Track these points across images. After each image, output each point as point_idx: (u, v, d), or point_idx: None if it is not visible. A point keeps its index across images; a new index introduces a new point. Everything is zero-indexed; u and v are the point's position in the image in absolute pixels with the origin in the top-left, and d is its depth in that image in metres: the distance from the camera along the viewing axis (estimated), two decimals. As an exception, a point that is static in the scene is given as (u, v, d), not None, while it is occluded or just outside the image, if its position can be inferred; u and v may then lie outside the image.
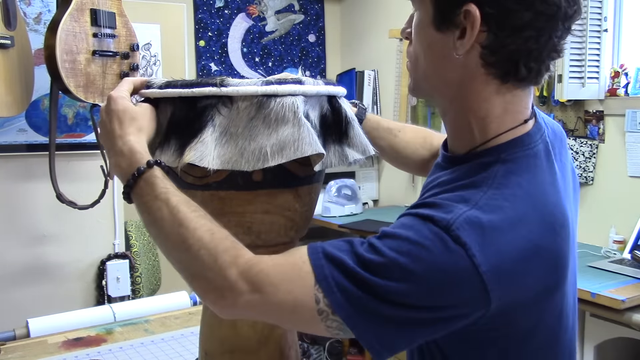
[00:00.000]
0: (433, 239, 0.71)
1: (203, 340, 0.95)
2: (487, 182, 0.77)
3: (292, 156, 0.78)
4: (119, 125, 0.83)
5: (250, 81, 0.80)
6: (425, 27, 0.81)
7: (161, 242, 0.81)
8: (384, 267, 0.71)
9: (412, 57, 0.85)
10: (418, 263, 0.70)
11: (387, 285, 0.70)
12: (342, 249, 0.74)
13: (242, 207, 0.84)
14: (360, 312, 0.72)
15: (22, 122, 2.29)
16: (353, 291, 0.71)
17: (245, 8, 3.82)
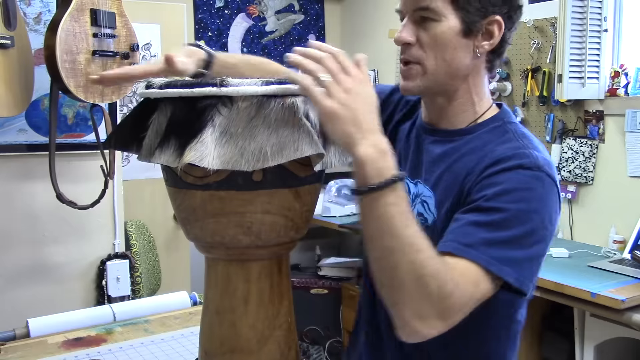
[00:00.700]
0: (531, 179, 0.92)
1: (203, 340, 0.95)
2: (516, 137, 1.01)
3: (292, 156, 0.78)
4: (372, 114, 0.84)
5: (251, 81, 0.80)
6: (452, 36, 0.99)
7: (387, 254, 0.84)
8: (514, 219, 0.90)
9: (429, 56, 1.01)
10: (532, 202, 0.91)
11: (523, 231, 0.90)
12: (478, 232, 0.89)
13: (242, 207, 0.84)
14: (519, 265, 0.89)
15: (22, 122, 2.29)
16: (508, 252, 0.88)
17: (245, 8, 3.82)
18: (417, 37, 1.00)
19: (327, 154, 0.85)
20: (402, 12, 1.03)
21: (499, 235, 0.89)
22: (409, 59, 1.01)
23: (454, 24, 0.98)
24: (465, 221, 0.91)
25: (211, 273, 0.93)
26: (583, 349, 2.34)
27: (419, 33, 1.00)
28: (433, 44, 0.99)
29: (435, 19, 0.98)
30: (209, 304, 0.93)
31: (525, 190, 0.91)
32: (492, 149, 0.99)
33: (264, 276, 0.91)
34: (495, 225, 0.89)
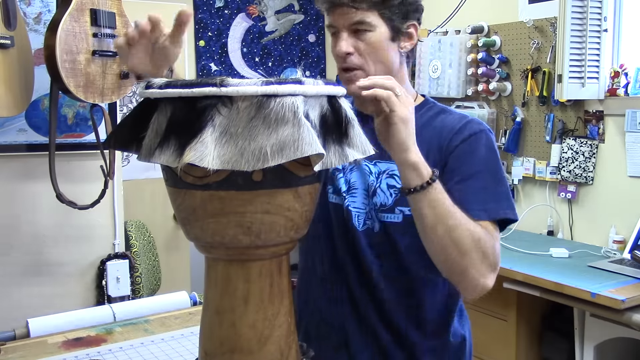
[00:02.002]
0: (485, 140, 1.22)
1: (203, 340, 0.95)
2: (452, 112, 1.28)
3: (292, 156, 0.78)
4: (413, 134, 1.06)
5: (250, 81, 0.80)
6: (384, 41, 1.21)
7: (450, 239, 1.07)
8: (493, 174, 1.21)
9: (368, 62, 1.22)
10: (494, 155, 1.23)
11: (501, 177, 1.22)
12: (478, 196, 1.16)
13: (242, 207, 0.84)
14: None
15: (22, 122, 2.29)
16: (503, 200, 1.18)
17: (245, 8, 3.82)
18: (355, 47, 1.20)
19: (327, 154, 0.85)
20: (335, 27, 1.21)
21: (495, 192, 1.17)
22: (351, 66, 1.21)
23: (384, 31, 1.20)
24: (464, 191, 1.13)
25: (211, 273, 0.93)
26: (583, 349, 2.34)
27: (356, 43, 1.20)
28: (370, 50, 1.20)
29: (370, 30, 1.19)
30: (208, 304, 0.93)
31: (487, 150, 1.21)
32: (443, 124, 1.24)
33: (264, 276, 0.91)
34: (489, 186, 1.17)
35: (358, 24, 1.18)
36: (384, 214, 1.22)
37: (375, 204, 1.23)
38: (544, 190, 3.03)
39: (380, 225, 1.23)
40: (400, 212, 1.21)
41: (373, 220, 1.24)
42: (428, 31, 3.45)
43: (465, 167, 1.18)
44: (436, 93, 3.34)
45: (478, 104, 3.23)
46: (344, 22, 1.19)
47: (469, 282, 1.10)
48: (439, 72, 3.32)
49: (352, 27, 1.19)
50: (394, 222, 1.22)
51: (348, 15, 1.18)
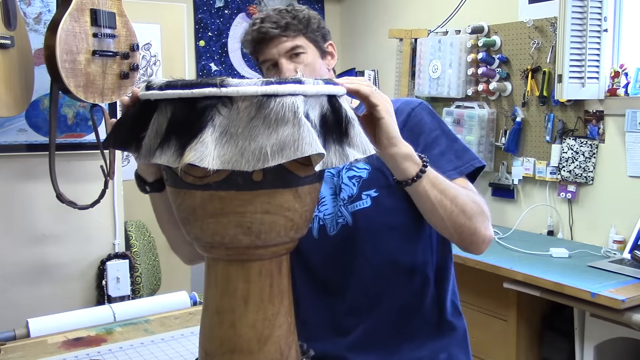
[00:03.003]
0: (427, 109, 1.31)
1: (203, 340, 0.95)
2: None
3: (292, 156, 0.78)
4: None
5: (250, 81, 0.80)
6: (317, 60, 1.33)
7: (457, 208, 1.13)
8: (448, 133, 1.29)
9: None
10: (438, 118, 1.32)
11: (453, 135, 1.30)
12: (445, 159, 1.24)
13: (242, 207, 0.84)
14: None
15: (22, 122, 2.29)
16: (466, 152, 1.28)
17: (245, 8, 3.82)
18: (295, 70, 1.29)
19: (328, 154, 0.85)
20: (271, 60, 1.32)
21: (455, 149, 1.26)
22: None
23: (314, 51, 1.33)
24: (431, 160, 1.15)
25: (211, 273, 0.93)
26: (583, 349, 2.34)
27: (296, 67, 1.30)
28: (309, 70, 1.31)
29: (304, 52, 1.31)
30: (209, 304, 0.93)
31: (430, 116, 1.30)
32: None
33: (264, 276, 0.91)
34: (449, 146, 1.26)
35: (293, 50, 1.30)
36: (352, 204, 1.25)
37: (343, 199, 1.26)
38: (544, 190, 3.03)
39: (352, 217, 1.26)
40: (367, 196, 1.25)
41: (344, 216, 1.26)
42: (428, 31, 3.45)
43: (421, 139, 1.25)
44: (436, 93, 3.34)
45: (478, 104, 3.23)
46: (279, 51, 1.30)
47: (479, 240, 1.17)
48: (439, 72, 3.32)
49: (288, 54, 1.30)
50: (363, 207, 1.25)
51: (281, 45, 1.30)
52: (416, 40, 3.44)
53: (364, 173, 1.26)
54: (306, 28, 1.34)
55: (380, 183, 1.24)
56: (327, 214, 1.28)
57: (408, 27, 3.50)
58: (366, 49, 3.98)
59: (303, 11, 1.39)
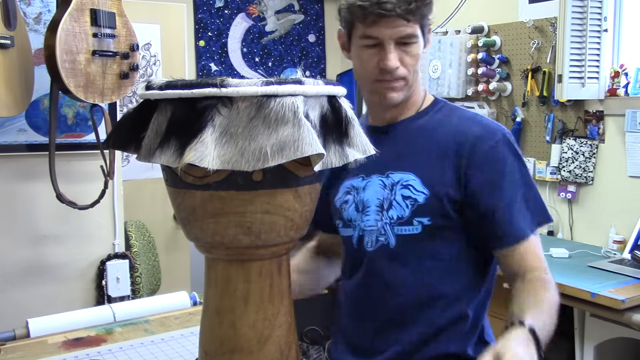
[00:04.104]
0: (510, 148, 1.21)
1: (203, 340, 0.95)
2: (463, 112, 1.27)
3: (292, 156, 0.78)
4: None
5: (250, 81, 0.80)
6: (421, 50, 1.19)
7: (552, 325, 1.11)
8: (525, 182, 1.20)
9: (411, 72, 1.20)
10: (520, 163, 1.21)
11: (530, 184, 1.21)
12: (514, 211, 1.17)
13: (242, 207, 0.84)
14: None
15: (22, 122, 2.29)
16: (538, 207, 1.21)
17: (245, 8, 3.82)
18: (400, 60, 1.17)
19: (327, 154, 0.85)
20: (377, 39, 1.15)
21: (529, 199, 1.18)
22: (397, 78, 1.18)
23: (421, 40, 1.19)
24: (505, 210, 1.14)
25: (211, 273, 0.93)
26: (583, 349, 2.34)
27: (401, 55, 1.16)
28: (414, 61, 1.19)
29: (415, 42, 1.17)
30: (208, 304, 0.93)
31: (512, 157, 1.18)
32: (458, 126, 1.21)
33: (264, 276, 0.91)
34: (524, 195, 1.17)
35: (407, 37, 1.15)
36: (400, 226, 1.19)
37: (391, 217, 1.20)
38: (544, 190, 3.03)
39: (396, 239, 1.20)
40: (419, 223, 1.18)
41: (387, 235, 1.21)
42: (428, 31, 3.45)
43: (497, 180, 1.16)
44: (436, 93, 3.34)
45: (478, 104, 3.23)
46: (391, 34, 1.13)
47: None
48: (439, 72, 3.32)
49: (399, 40, 1.14)
50: (412, 234, 1.19)
51: (397, 28, 1.13)
52: (416, 40, 3.43)
53: (421, 197, 1.18)
54: (427, 15, 1.18)
55: (436, 211, 1.17)
56: (368, 225, 1.23)
57: (408, 27, 3.49)
58: (366, 49, 3.98)
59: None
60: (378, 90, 1.20)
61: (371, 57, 1.17)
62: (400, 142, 1.24)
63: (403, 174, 1.20)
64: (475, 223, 1.18)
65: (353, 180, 1.28)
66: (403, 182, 1.20)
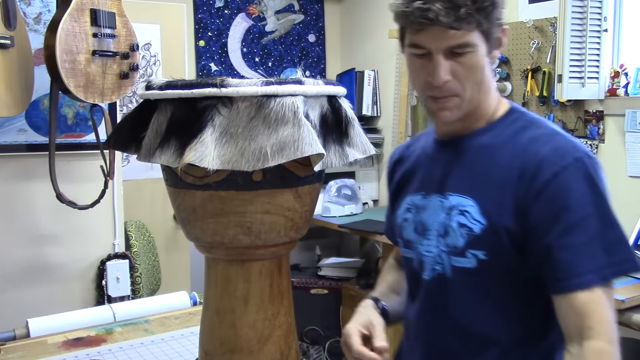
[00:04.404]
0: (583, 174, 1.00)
1: (203, 340, 0.95)
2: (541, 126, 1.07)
3: (292, 156, 0.78)
4: None
5: (250, 81, 0.80)
6: (483, 59, 1.03)
7: None
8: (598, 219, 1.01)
9: (466, 86, 1.03)
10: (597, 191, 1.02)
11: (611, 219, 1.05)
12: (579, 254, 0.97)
13: (242, 207, 0.84)
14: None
15: (22, 122, 2.28)
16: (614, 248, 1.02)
17: (245, 8, 3.82)
18: (452, 72, 1.01)
19: (327, 154, 0.85)
20: (425, 49, 1.01)
21: (607, 240, 0.99)
22: (447, 94, 1.03)
23: (482, 48, 1.02)
24: (568, 249, 0.96)
25: (211, 273, 0.93)
26: (583, 349, 2.34)
27: (453, 67, 1.01)
28: (469, 74, 1.02)
29: (471, 51, 1.00)
30: (209, 303, 0.94)
31: (588, 185, 0.98)
32: (529, 143, 1.03)
33: (264, 276, 0.91)
34: (600, 234, 0.98)
35: (459, 47, 0.99)
36: (455, 257, 1.06)
37: (447, 245, 1.07)
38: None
39: (451, 270, 1.07)
40: (473, 256, 1.03)
41: (444, 265, 1.08)
42: (428, 31, 3.45)
43: (563, 218, 0.96)
44: (436, 93, 3.34)
45: (478, 104, 3.23)
46: (440, 45, 0.99)
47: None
48: (439, 72, 3.32)
49: (450, 50, 1.00)
50: (467, 267, 1.05)
51: (446, 38, 0.98)
52: (416, 40, 3.43)
53: (477, 227, 1.03)
54: (486, 18, 1.00)
55: (493, 245, 1.02)
56: (426, 251, 1.11)
57: (408, 27, 3.49)
58: (366, 49, 3.98)
59: None
60: (429, 107, 1.07)
61: (420, 68, 1.03)
62: (461, 160, 1.09)
63: (461, 198, 1.06)
64: (535, 264, 1.00)
65: (414, 196, 1.16)
66: (460, 207, 1.06)
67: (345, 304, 3.35)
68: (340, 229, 3.23)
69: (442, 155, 1.13)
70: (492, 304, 1.05)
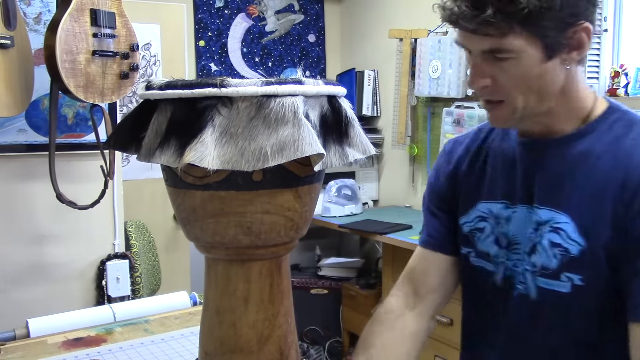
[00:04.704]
0: None
1: (203, 340, 0.95)
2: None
3: (292, 156, 0.78)
4: None
5: (250, 81, 0.80)
6: (534, 67, 0.90)
7: None
8: None
9: (513, 93, 0.92)
10: None
11: None
12: None
13: (242, 207, 0.84)
14: None
15: (22, 122, 2.29)
16: None
17: (245, 8, 3.82)
18: (492, 77, 0.91)
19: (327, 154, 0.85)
20: (465, 47, 0.93)
21: None
22: (492, 99, 0.94)
23: (533, 54, 0.89)
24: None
25: (211, 273, 0.93)
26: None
27: (494, 72, 0.91)
28: (515, 82, 0.91)
29: (511, 57, 0.88)
30: (208, 304, 0.93)
31: None
32: (633, 148, 0.92)
33: (264, 276, 0.91)
34: None
35: (497, 52, 0.89)
36: (544, 279, 0.95)
37: (534, 264, 0.96)
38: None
39: (537, 292, 0.97)
40: (569, 279, 0.93)
41: (527, 285, 0.98)
42: (428, 31, 3.45)
43: None
44: (436, 93, 3.34)
45: (478, 104, 3.23)
46: (476, 47, 0.91)
47: None
48: (439, 72, 3.32)
49: (487, 54, 0.90)
50: (558, 291, 0.94)
51: (477, 41, 0.89)
52: (416, 41, 3.44)
53: (574, 248, 0.92)
54: (528, 19, 0.85)
55: (592, 269, 0.91)
56: (515, 267, 1.00)
57: (408, 27, 3.50)
58: (366, 49, 3.98)
59: None
60: (483, 107, 0.98)
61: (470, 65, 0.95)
62: (554, 169, 0.97)
63: (554, 213, 0.94)
64: (620, 282, 0.91)
65: (491, 204, 1.04)
66: (553, 224, 0.94)
67: (345, 304, 3.36)
68: (340, 229, 3.23)
69: (526, 159, 1.00)
70: (579, 331, 0.95)
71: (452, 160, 1.14)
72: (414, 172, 3.61)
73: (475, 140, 1.12)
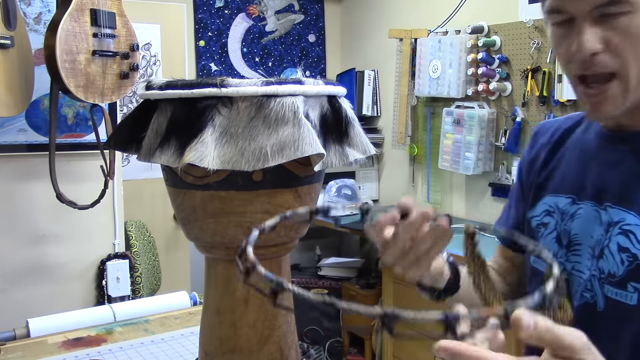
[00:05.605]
0: None
1: (203, 340, 0.95)
2: None
3: (292, 156, 0.78)
4: None
5: (250, 81, 0.80)
6: None
7: None
8: None
9: (627, 62, 0.79)
10: None
11: None
12: None
13: (242, 207, 0.84)
14: None
15: (22, 122, 2.29)
16: None
17: (245, 8, 3.82)
18: (604, 42, 0.79)
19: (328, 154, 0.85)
20: (566, 13, 0.81)
21: None
22: (599, 71, 0.80)
23: None
24: None
25: (211, 273, 0.93)
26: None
27: (605, 35, 0.78)
28: (630, 43, 0.78)
29: (629, 10, 0.77)
30: (209, 304, 0.94)
31: None
32: None
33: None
34: None
35: (610, 6, 0.77)
36: (610, 287, 0.84)
37: (601, 270, 0.85)
38: (544, 190, 3.03)
39: (605, 302, 0.85)
40: (635, 290, 0.81)
41: (595, 294, 0.87)
42: (428, 31, 3.45)
43: None
44: (436, 93, 3.34)
45: (478, 104, 3.23)
46: (585, 6, 0.78)
47: None
48: (439, 72, 3.32)
49: (598, 11, 0.78)
50: (625, 302, 0.83)
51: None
52: (416, 40, 3.44)
53: (637, 230, 0.82)
54: None
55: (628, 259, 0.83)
56: (579, 272, 0.89)
57: (408, 27, 3.50)
58: (366, 49, 3.98)
59: None
60: (580, 97, 0.85)
61: (561, 39, 0.82)
62: (634, 164, 0.86)
63: (626, 213, 0.84)
64: None
65: (558, 198, 0.95)
66: (623, 225, 0.84)
67: (345, 304, 3.35)
68: (340, 229, 3.23)
69: (606, 153, 0.90)
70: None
71: (535, 146, 1.05)
72: (414, 172, 3.62)
73: (560, 128, 1.02)
